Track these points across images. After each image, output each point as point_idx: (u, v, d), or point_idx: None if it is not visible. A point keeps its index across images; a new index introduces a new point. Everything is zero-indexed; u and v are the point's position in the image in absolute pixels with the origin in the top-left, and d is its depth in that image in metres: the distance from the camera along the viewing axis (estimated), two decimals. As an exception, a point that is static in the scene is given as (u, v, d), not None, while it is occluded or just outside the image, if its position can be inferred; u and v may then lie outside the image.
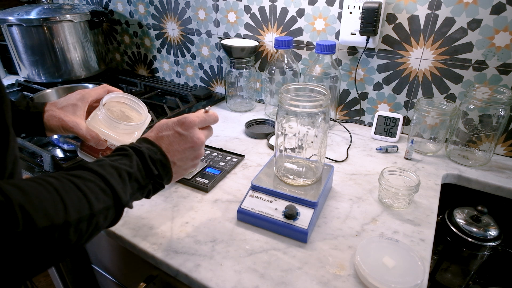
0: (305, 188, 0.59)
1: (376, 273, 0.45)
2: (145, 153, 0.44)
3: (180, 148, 0.47)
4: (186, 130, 0.48)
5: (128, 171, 0.41)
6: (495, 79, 0.75)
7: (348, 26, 0.84)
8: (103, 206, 0.37)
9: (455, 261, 0.71)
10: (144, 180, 0.43)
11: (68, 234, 0.33)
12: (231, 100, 1.07)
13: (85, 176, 0.37)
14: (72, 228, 0.33)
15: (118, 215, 0.41)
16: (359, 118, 0.97)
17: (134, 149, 0.44)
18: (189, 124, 0.48)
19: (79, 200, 0.34)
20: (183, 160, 0.48)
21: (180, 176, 0.50)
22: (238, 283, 0.47)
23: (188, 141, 0.48)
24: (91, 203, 0.35)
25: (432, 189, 0.67)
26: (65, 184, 0.34)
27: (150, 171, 0.44)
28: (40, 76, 1.22)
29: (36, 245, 0.30)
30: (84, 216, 0.34)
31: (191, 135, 0.48)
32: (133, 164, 0.42)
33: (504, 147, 0.79)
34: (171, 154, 0.46)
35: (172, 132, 0.47)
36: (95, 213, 0.36)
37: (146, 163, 0.43)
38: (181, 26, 1.18)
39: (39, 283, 1.46)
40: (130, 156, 0.43)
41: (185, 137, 0.47)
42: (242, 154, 0.79)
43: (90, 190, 0.36)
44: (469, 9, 0.72)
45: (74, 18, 1.17)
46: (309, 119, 0.56)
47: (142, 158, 0.43)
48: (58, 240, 0.32)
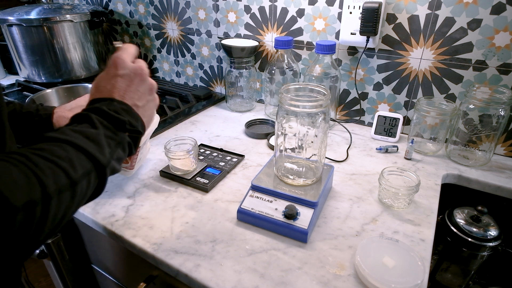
0: (305, 188, 0.59)
1: (376, 273, 0.45)
2: (102, 108, 0.40)
3: (131, 88, 0.44)
4: (122, 68, 0.44)
5: (94, 132, 0.38)
6: (495, 79, 0.75)
7: (348, 26, 0.84)
8: (81, 171, 0.34)
9: (455, 261, 0.71)
10: (117, 134, 0.40)
11: (50, 207, 0.31)
12: (231, 100, 1.07)
13: (50, 147, 0.34)
14: (55, 200, 0.31)
15: (102, 179, 0.38)
16: (359, 118, 0.97)
17: (88, 110, 0.40)
18: (121, 62, 0.44)
19: (52, 170, 0.32)
20: (141, 99, 0.45)
21: (150, 117, 0.48)
22: (238, 283, 0.47)
23: (132, 76, 0.45)
24: (66, 171, 0.33)
25: (432, 189, 0.67)
26: (32, 158, 0.31)
27: (117, 122, 0.40)
28: (40, 76, 1.22)
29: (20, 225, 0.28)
30: (63, 185, 0.32)
31: (129, 69, 0.45)
32: (95, 123, 0.38)
33: (504, 147, 0.79)
34: (127, 99, 0.43)
35: (113, 80, 0.43)
36: (76, 180, 0.34)
37: (109, 115, 0.40)
38: (181, 26, 1.18)
39: (39, 283, 1.46)
40: (88, 117, 0.39)
41: (127, 75, 0.44)
42: (242, 154, 0.79)
43: (60, 159, 0.33)
44: (469, 9, 0.72)
45: (74, 18, 1.17)
46: (309, 119, 0.56)
47: (103, 113, 0.40)
48: (42, 214, 0.30)
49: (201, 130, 0.94)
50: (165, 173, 0.71)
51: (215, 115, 1.04)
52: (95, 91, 0.44)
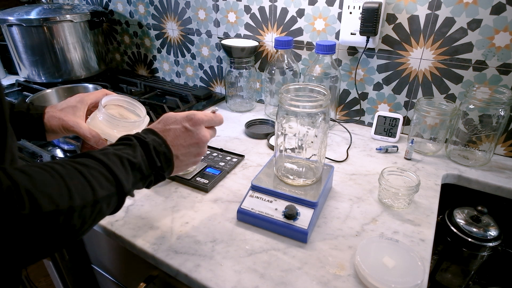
0: (305, 188, 0.59)
1: (376, 273, 0.45)
2: (150, 144, 0.44)
3: (185, 143, 0.48)
4: (193, 126, 0.48)
5: (131, 161, 0.41)
6: (495, 79, 0.75)
7: (348, 26, 0.84)
8: (106, 193, 0.38)
9: (455, 261, 0.71)
10: (147, 171, 0.44)
11: (72, 219, 0.33)
12: (231, 100, 1.07)
13: (89, 163, 0.38)
14: (76, 213, 0.34)
15: (120, 203, 0.41)
16: (359, 118, 0.97)
17: (139, 139, 0.44)
18: (197, 121, 0.49)
19: (83, 186, 0.35)
20: (186, 156, 0.49)
21: (181, 170, 0.50)
22: (238, 283, 0.47)
23: (194, 137, 0.48)
24: (94, 190, 0.36)
25: (432, 189, 0.67)
26: (69, 170, 0.35)
27: (153, 162, 0.44)
28: (40, 76, 1.22)
29: (41, 229, 0.31)
30: (88, 202, 0.35)
31: (197, 131, 0.49)
32: (137, 154, 0.42)
33: (504, 147, 0.79)
34: (175, 148, 0.47)
35: (179, 127, 0.48)
36: (99, 200, 0.37)
37: (150, 154, 0.44)
38: (181, 26, 1.18)
39: (39, 283, 1.46)
40: (134, 146, 0.43)
41: (191, 133, 0.48)
42: (242, 154, 0.79)
43: (94, 178, 0.37)
44: (469, 9, 0.72)
45: (74, 18, 1.17)
46: (309, 119, 0.56)
47: (147, 149, 0.44)
48: (62, 224, 0.33)
49: (201, 130, 0.93)
50: (165, 173, 0.71)
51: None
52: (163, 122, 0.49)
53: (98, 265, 0.80)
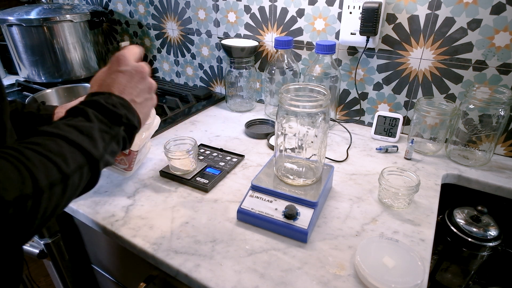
0: (305, 188, 0.59)
1: (376, 273, 0.45)
2: (100, 101, 0.40)
3: (130, 84, 0.45)
4: (124, 65, 0.45)
5: (88, 126, 0.38)
6: (495, 79, 0.75)
7: (348, 26, 0.84)
8: (74, 166, 0.35)
9: (455, 261, 0.71)
10: (112, 128, 0.40)
11: (41, 201, 0.31)
12: (231, 100, 1.07)
13: (44, 141, 0.34)
14: (46, 194, 0.32)
15: (95, 173, 0.38)
16: (359, 118, 0.97)
17: (84, 103, 0.40)
18: (123, 59, 0.46)
19: (44, 165, 0.32)
20: (140, 95, 0.46)
21: (146, 114, 0.48)
22: (238, 283, 0.47)
23: (133, 73, 0.46)
24: (59, 166, 0.33)
25: (432, 189, 0.67)
26: (25, 152, 0.32)
27: (114, 115, 0.41)
28: (40, 76, 1.22)
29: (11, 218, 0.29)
30: (55, 180, 0.33)
31: (131, 66, 0.46)
32: (90, 117, 0.39)
33: (504, 147, 0.79)
34: (126, 94, 0.44)
35: (114, 75, 0.44)
36: (68, 174, 0.34)
37: (106, 109, 0.40)
38: (181, 26, 1.18)
39: (39, 283, 1.46)
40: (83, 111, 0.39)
41: (129, 72, 0.45)
42: (242, 154, 0.79)
43: (53, 153, 0.34)
44: (469, 9, 0.72)
45: (74, 18, 1.17)
46: (309, 119, 0.56)
47: (99, 107, 0.40)
48: (33, 208, 0.31)
49: (201, 130, 0.94)
50: (165, 173, 0.71)
51: (215, 115, 1.04)
52: (94, 85, 0.44)
53: (98, 265, 0.80)
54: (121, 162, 0.64)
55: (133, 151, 0.64)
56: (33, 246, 0.75)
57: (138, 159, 0.67)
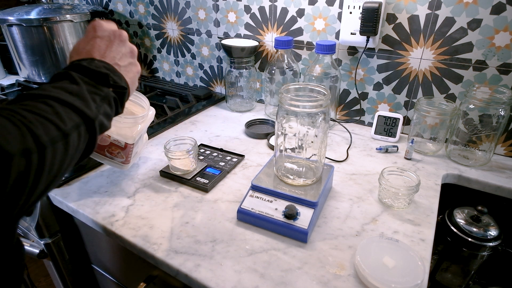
0: (305, 188, 0.59)
1: (376, 273, 0.45)
2: (82, 64, 0.40)
3: (111, 48, 0.45)
4: (101, 31, 0.45)
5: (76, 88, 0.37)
6: (495, 79, 0.75)
7: (348, 26, 0.84)
8: (71, 124, 0.35)
9: (455, 261, 0.71)
10: (100, 89, 0.40)
11: (45, 156, 0.31)
12: (231, 100, 1.07)
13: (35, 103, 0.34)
14: (49, 150, 0.31)
15: (92, 133, 0.38)
16: (359, 118, 0.97)
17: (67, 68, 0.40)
18: (99, 25, 0.45)
19: (41, 123, 0.32)
20: (122, 59, 0.46)
21: (132, 80, 0.47)
22: (238, 283, 0.47)
23: (112, 38, 0.45)
24: (56, 124, 0.33)
25: (432, 189, 0.67)
26: (19, 112, 0.32)
27: (99, 76, 0.40)
28: (40, 76, 1.22)
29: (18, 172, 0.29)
30: (55, 136, 0.32)
31: (108, 31, 0.46)
32: (75, 79, 0.38)
33: (504, 147, 0.79)
34: (108, 58, 0.44)
35: (92, 41, 0.44)
36: (67, 132, 0.34)
37: (90, 70, 0.40)
38: (181, 26, 1.18)
39: (39, 283, 1.46)
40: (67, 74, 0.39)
41: (107, 37, 0.45)
42: (242, 154, 0.79)
43: (47, 113, 0.33)
44: (469, 9, 0.72)
45: (74, 18, 1.17)
46: (309, 119, 0.56)
47: (83, 69, 0.40)
48: (39, 163, 0.31)
49: (201, 130, 0.94)
50: (165, 173, 0.71)
51: (215, 115, 1.04)
52: (74, 54, 0.43)
53: (98, 265, 0.80)
54: (118, 155, 0.64)
55: (129, 144, 0.63)
56: (33, 246, 0.75)
57: (135, 152, 0.67)
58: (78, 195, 0.66)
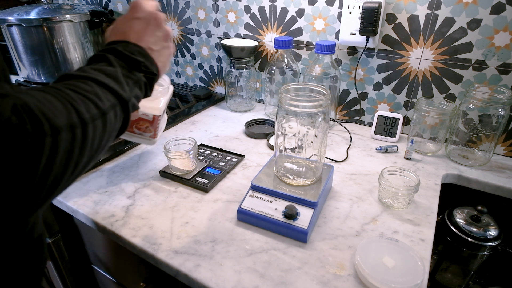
0: (305, 188, 0.59)
1: (376, 273, 0.45)
2: (118, 49, 0.42)
3: (146, 31, 0.46)
4: (140, 12, 0.46)
5: (112, 70, 0.40)
6: (495, 79, 0.75)
7: (348, 26, 0.84)
8: (108, 104, 0.37)
9: (455, 261, 0.71)
10: (133, 74, 0.42)
11: (87, 131, 0.33)
12: (231, 100, 1.07)
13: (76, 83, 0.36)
14: (90, 126, 0.34)
15: (126, 114, 0.41)
16: (359, 118, 0.97)
17: (104, 51, 0.42)
18: (138, 6, 0.46)
19: (82, 101, 0.34)
20: (156, 43, 0.47)
21: (164, 63, 0.49)
22: (238, 283, 0.47)
23: (148, 20, 0.46)
24: (95, 102, 0.35)
25: (432, 189, 0.67)
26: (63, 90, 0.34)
27: (133, 62, 0.42)
28: (40, 76, 1.22)
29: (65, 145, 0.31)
30: (95, 114, 0.35)
31: (147, 13, 0.46)
32: (112, 62, 0.40)
33: (504, 147, 0.79)
34: (142, 42, 0.45)
35: (129, 22, 0.45)
36: (105, 111, 0.36)
37: (125, 56, 0.42)
38: (181, 26, 1.18)
39: (39, 283, 1.46)
40: (104, 57, 0.41)
41: (144, 18, 0.46)
42: (242, 154, 0.79)
43: (87, 92, 0.35)
44: (469, 9, 0.72)
45: (74, 18, 1.16)
46: (309, 119, 0.56)
47: (118, 54, 0.42)
48: (83, 137, 0.33)
49: (201, 130, 0.93)
50: (165, 173, 0.71)
51: (215, 115, 1.04)
52: (111, 33, 0.46)
53: (98, 265, 0.80)
54: (147, 130, 0.66)
55: (157, 116, 0.65)
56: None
57: (160, 127, 0.69)
58: (77, 195, 0.66)
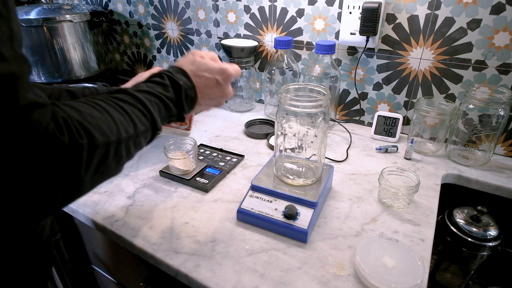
0: (305, 188, 0.59)
1: (376, 273, 0.45)
2: (182, 87, 0.47)
3: (212, 95, 0.52)
4: (224, 80, 0.52)
5: (164, 100, 0.45)
6: (495, 79, 0.75)
7: (348, 26, 0.84)
8: (143, 128, 0.41)
9: (455, 261, 0.71)
10: (174, 111, 0.47)
11: (120, 150, 0.37)
12: (231, 100, 1.07)
13: (127, 99, 0.40)
14: (123, 145, 0.37)
15: (152, 138, 0.45)
16: (359, 118, 0.97)
17: (171, 79, 0.47)
18: (228, 76, 0.52)
19: (126, 121, 0.38)
20: (207, 104, 0.53)
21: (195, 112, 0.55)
22: (238, 283, 0.47)
23: (222, 91, 0.52)
24: (135, 125, 0.40)
25: (432, 189, 0.67)
26: (112, 106, 0.38)
27: (181, 105, 0.47)
28: (40, 76, 1.22)
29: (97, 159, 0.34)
30: (130, 135, 0.39)
31: (226, 86, 0.52)
32: (169, 94, 0.45)
33: (504, 147, 0.80)
34: (201, 95, 0.50)
35: (212, 77, 0.50)
36: (139, 134, 0.40)
37: (180, 97, 0.47)
38: (181, 26, 1.18)
39: (39, 283, 1.46)
40: (166, 86, 0.46)
41: (221, 87, 0.52)
42: (242, 154, 0.79)
43: (133, 113, 0.40)
44: (469, 9, 0.72)
45: (74, 18, 1.17)
46: (309, 119, 0.56)
47: (178, 92, 0.46)
48: (113, 155, 0.36)
49: (201, 130, 0.93)
50: (165, 173, 0.71)
51: (215, 115, 1.04)
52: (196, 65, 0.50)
53: (98, 265, 0.80)
54: (182, 123, 0.66)
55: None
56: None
57: (194, 120, 0.71)
58: (78, 195, 0.66)
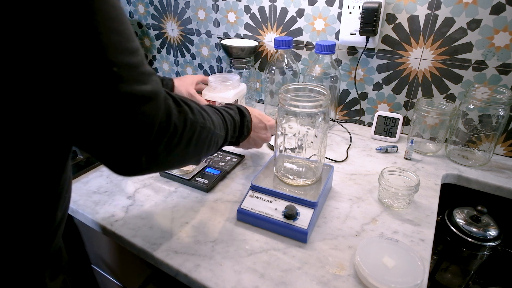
0: (305, 188, 0.59)
1: (376, 273, 0.45)
2: (246, 116, 0.61)
3: (259, 135, 0.66)
4: (270, 129, 0.69)
5: (235, 119, 0.58)
6: (495, 79, 0.75)
7: (348, 26, 0.84)
8: (223, 134, 0.53)
9: (455, 261, 0.71)
10: (235, 134, 0.59)
11: (211, 138, 0.47)
12: (231, 100, 1.06)
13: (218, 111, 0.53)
14: (214, 136, 0.48)
15: (222, 146, 0.56)
16: (359, 118, 0.97)
17: (238, 109, 0.61)
18: (272, 126, 0.69)
19: (220, 122, 0.51)
20: (250, 143, 0.67)
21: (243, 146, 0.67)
22: (238, 283, 0.47)
23: (266, 134, 0.68)
24: (226, 129, 0.54)
25: (432, 189, 0.67)
26: (212, 110, 0.50)
27: (242, 129, 0.60)
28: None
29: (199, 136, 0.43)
30: (219, 134, 0.50)
31: (268, 133, 0.68)
32: (237, 118, 0.59)
33: (504, 147, 0.80)
34: (252, 132, 0.64)
35: (263, 125, 0.67)
36: (224, 136, 0.53)
37: (243, 122, 0.60)
38: (181, 26, 1.18)
39: (39, 283, 1.46)
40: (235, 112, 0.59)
41: (265, 132, 0.68)
42: (242, 154, 0.79)
43: (222, 121, 0.53)
44: (469, 9, 0.72)
45: (74, 18, 1.16)
46: (309, 119, 0.56)
47: (242, 118, 0.60)
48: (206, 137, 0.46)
49: (201, 130, 0.93)
50: (165, 173, 0.71)
51: (215, 115, 1.03)
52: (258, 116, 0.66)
53: (98, 265, 0.80)
54: None
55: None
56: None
57: None
58: (77, 195, 0.66)
